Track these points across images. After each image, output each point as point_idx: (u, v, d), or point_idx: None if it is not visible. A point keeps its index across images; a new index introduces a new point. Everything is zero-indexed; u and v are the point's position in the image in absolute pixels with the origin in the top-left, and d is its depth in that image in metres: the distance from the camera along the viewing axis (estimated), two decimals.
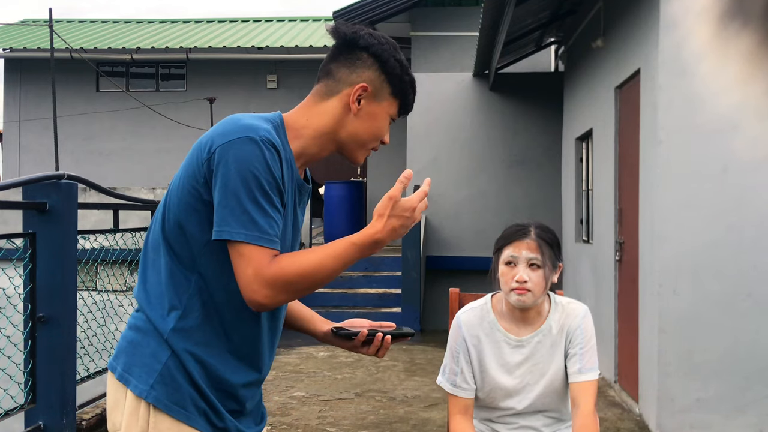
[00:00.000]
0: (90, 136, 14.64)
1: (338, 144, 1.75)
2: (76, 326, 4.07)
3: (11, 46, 14.36)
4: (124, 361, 1.66)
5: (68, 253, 3.90)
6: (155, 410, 1.62)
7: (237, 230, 1.54)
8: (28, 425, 3.79)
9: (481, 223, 9.87)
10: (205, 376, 1.64)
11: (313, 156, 1.75)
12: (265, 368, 1.77)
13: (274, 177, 1.58)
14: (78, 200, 4.00)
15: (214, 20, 17.52)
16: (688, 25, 4.56)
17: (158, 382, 1.62)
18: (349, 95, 1.70)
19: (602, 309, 6.31)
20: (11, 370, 3.79)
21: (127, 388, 1.64)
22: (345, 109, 1.71)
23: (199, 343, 1.64)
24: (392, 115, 1.76)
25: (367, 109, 1.72)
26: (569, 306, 2.39)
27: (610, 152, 6.14)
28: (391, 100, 1.74)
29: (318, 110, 1.73)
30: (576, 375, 2.30)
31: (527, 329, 2.36)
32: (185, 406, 1.62)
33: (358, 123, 1.72)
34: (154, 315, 1.64)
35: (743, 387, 4.47)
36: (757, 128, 4.49)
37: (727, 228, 4.51)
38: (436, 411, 5.32)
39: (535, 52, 10.52)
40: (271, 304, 1.58)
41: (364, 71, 1.71)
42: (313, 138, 1.73)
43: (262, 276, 1.55)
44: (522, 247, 2.28)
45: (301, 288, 1.59)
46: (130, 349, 1.66)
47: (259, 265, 1.55)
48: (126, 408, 1.64)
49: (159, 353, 1.63)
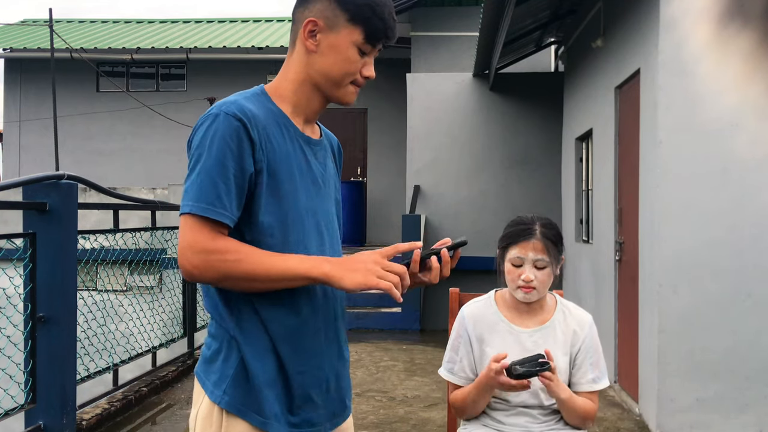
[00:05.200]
0: (90, 136, 14.63)
1: (317, 88, 1.68)
2: (76, 326, 4.07)
3: (11, 46, 14.35)
4: (204, 368, 1.66)
5: (68, 253, 3.91)
6: (229, 415, 1.61)
7: (184, 203, 1.55)
8: (28, 425, 3.79)
9: (481, 223, 9.87)
10: (270, 375, 1.61)
11: (307, 109, 1.71)
12: (321, 357, 1.68)
13: (226, 145, 1.54)
14: (78, 200, 4.00)
15: (214, 20, 17.52)
16: (688, 25, 4.56)
17: (230, 387, 1.61)
18: (302, 35, 1.66)
19: (602, 309, 6.31)
20: (11, 370, 3.79)
21: (204, 392, 1.64)
22: (305, 50, 1.66)
23: (252, 342, 1.61)
24: (358, 44, 1.64)
25: (325, 42, 1.64)
26: (576, 312, 2.46)
27: (610, 152, 6.14)
28: (351, 28, 1.63)
29: (289, 63, 1.70)
30: (591, 384, 2.39)
31: (531, 322, 2.42)
32: (258, 410, 1.61)
33: (322, 60, 1.65)
34: (222, 319, 1.64)
35: (743, 387, 4.47)
36: (757, 128, 4.49)
37: (727, 228, 4.51)
38: (436, 411, 5.32)
39: (535, 52, 10.52)
40: (200, 278, 1.55)
41: (314, 5, 1.65)
42: (294, 91, 1.68)
43: (198, 246, 1.53)
44: (528, 248, 2.33)
45: (231, 279, 1.55)
46: (207, 354, 1.66)
47: (195, 234, 1.53)
48: (201, 411, 1.64)
49: (230, 357, 1.62)
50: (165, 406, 5.34)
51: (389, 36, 1.67)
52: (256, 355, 1.60)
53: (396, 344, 7.99)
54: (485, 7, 6.93)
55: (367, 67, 1.68)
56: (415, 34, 11.43)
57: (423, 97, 10.24)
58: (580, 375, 2.39)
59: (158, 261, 6.36)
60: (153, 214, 5.82)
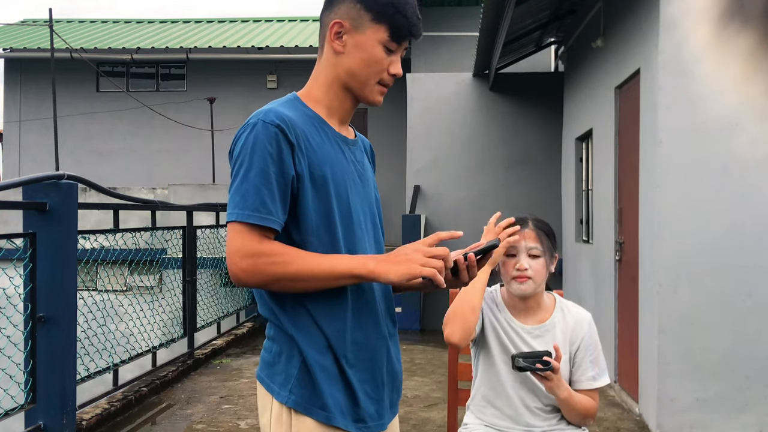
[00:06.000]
0: (90, 136, 14.64)
1: (346, 89, 1.73)
2: (76, 326, 4.07)
3: (11, 46, 14.36)
4: (267, 371, 1.68)
5: (68, 253, 3.90)
6: (297, 414, 1.64)
7: (230, 211, 1.59)
8: (28, 425, 3.79)
9: (481, 223, 9.74)
10: (330, 371, 1.64)
11: (341, 110, 1.75)
12: (374, 351, 1.70)
13: (267, 151, 1.58)
14: (78, 200, 4.00)
15: (214, 20, 17.52)
16: (688, 26, 4.56)
17: (296, 386, 1.63)
18: (329, 37, 1.70)
19: (602, 309, 6.31)
20: (11, 370, 3.79)
21: (271, 396, 1.66)
22: (333, 52, 1.70)
23: (309, 341, 1.63)
24: (384, 42, 1.68)
25: (352, 43, 1.68)
26: (574, 310, 2.46)
27: (610, 152, 6.14)
28: (375, 27, 1.67)
29: (318, 66, 1.75)
30: (591, 382, 2.41)
31: (530, 320, 2.42)
32: (323, 406, 1.63)
33: (349, 60, 1.69)
34: (279, 321, 1.67)
35: (743, 387, 4.47)
36: (757, 128, 4.49)
37: (727, 227, 4.51)
38: (436, 411, 5.32)
39: (535, 52, 10.52)
40: (249, 281, 1.58)
41: (339, 7, 1.69)
42: (326, 93, 1.73)
43: (246, 250, 1.56)
44: (521, 237, 2.36)
45: (280, 281, 1.59)
46: (269, 358, 1.69)
47: (244, 240, 1.57)
48: (272, 414, 1.66)
49: (292, 357, 1.64)
50: (165, 406, 5.34)
51: (414, 33, 1.71)
52: (314, 353, 1.63)
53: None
54: (485, 7, 6.93)
55: (394, 65, 1.71)
56: None
57: (423, 97, 10.25)
58: (581, 373, 2.40)
59: (158, 261, 6.36)
60: (153, 214, 5.82)
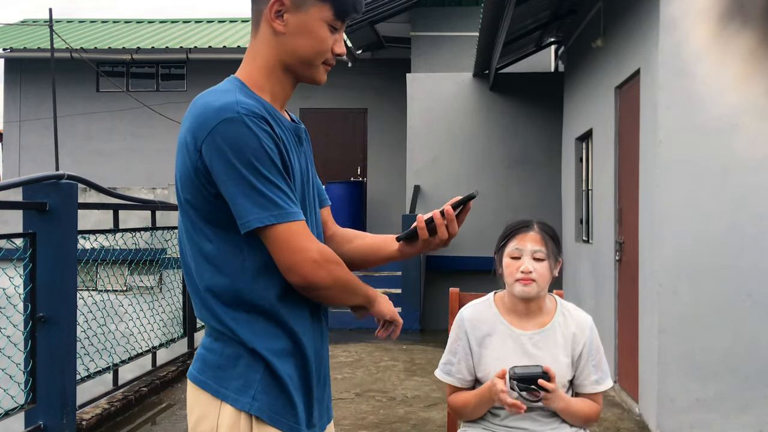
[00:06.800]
0: (90, 136, 14.63)
1: (289, 70, 1.61)
2: (76, 326, 4.07)
3: (11, 46, 14.35)
4: (213, 374, 1.56)
5: (68, 253, 3.91)
6: (259, 422, 1.53)
7: (263, 215, 1.47)
8: (28, 425, 3.79)
9: (481, 223, 9.85)
10: (295, 378, 1.58)
11: (282, 96, 1.64)
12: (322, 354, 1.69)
13: (269, 146, 1.49)
14: (78, 200, 4.01)
15: (214, 20, 17.52)
16: (688, 25, 4.56)
17: (260, 392, 1.54)
18: (269, 16, 1.58)
19: (602, 309, 6.31)
20: (11, 370, 3.79)
21: (221, 401, 1.54)
22: (273, 32, 1.58)
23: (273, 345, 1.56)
24: (328, 21, 1.58)
25: (294, 22, 1.57)
26: (576, 314, 2.45)
27: (610, 152, 6.14)
28: (319, 5, 1.57)
29: (254, 47, 1.62)
30: (594, 386, 2.41)
31: (530, 324, 2.40)
32: (290, 415, 1.56)
33: (293, 40, 1.58)
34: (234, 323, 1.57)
35: (743, 387, 4.47)
36: (757, 128, 4.49)
37: (727, 228, 4.51)
38: (436, 411, 5.32)
39: (535, 52, 10.52)
40: (325, 282, 1.54)
41: None
42: (268, 78, 1.61)
43: (319, 249, 1.53)
44: (527, 239, 2.34)
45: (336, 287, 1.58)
46: (216, 360, 1.56)
47: (305, 240, 1.51)
48: (221, 421, 1.53)
49: (254, 362, 1.54)
50: (165, 406, 5.34)
51: (357, 9, 1.62)
52: (280, 358, 1.55)
53: (396, 344, 7.99)
54: (485, 7, 6.93)
55: (338, 44, 1.62)
56: (415, 34, 11.42)
57: (423, 97, 10.24)
58: (583, 377, 2.40)
59: (158, 261, 6.36)
60: (153, 214, 5.82)
